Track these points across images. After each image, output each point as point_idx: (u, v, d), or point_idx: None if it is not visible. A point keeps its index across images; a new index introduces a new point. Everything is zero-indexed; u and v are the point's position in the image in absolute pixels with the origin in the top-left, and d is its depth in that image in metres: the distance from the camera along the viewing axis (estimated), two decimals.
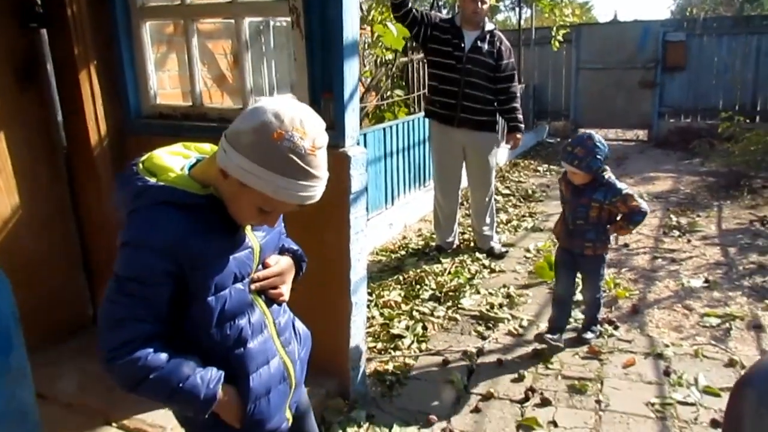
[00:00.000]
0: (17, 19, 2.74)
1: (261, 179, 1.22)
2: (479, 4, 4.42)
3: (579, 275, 3.49)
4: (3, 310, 1.40)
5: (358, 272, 2.71)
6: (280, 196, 1.24)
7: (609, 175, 3.18)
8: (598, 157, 3.09)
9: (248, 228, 1.41)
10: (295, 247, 1.63)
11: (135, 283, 1.26)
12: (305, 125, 1.23)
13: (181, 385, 1.27)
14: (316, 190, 1.27)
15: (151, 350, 1.26)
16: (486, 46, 4.51)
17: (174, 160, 1.37)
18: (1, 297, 1.41)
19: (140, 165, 1.35)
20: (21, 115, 2.80)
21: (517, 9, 11.15)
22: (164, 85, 3.19)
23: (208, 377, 1.32)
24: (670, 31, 10.09)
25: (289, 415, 1.56)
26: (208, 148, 1.46)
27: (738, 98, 9.65)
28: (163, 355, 1.28)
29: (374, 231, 5.07)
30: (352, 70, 2.53)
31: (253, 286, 1.43)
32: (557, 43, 9.64)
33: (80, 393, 2.65)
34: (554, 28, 9.61)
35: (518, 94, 4.71)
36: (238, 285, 1.37)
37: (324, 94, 2.57)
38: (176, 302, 1.32)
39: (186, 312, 1.34)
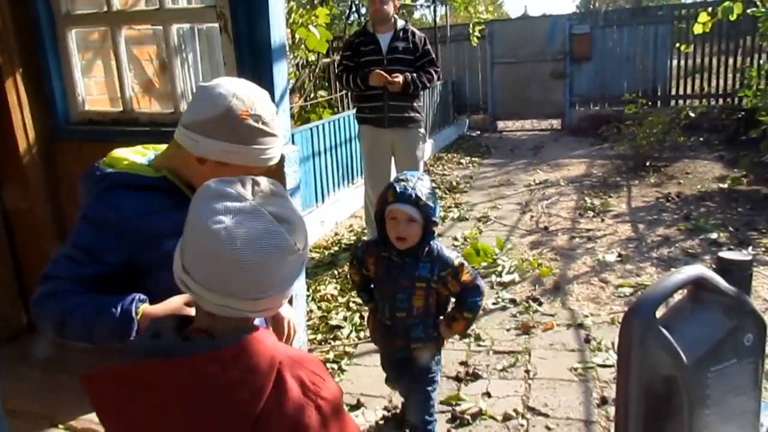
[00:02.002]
0: None
1: (241, 154, 1.39)
2: (380, 4, 4.61)
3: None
4: None
5: None
6: (259, 163, 1.42)
7: (436, 241, 2.28)
8: (437, 201, 2.28)
9: None
10: None
11: (78, 251, 1.39)
12: (259, 98, 1.41)
13: (96, 312, 1.35)
14: (279, 148, 1.47)
15: (70, 296, 1.37)
16: (402, 44, 4.70)
17: (133, 155, 1.50)
18: None
19: (100, 162, 1.47)
20: None
21: (432, 7, 11.47)
22: (91, 91, 3.19)
23: (122, 300, 1.37)
24: (575, 24, 10.66)
25: None
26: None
27: (640, 84, 10.31)
28: (80, 296, 1.37)
29: (306, 229, 5.17)
30: (281, 72, 2.64)
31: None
32: (475, 39, 10.00)
33: (21, 399, 2.64)
34: (471, 25, 9.97)
35: (434, 73, 4.79)
36: None
37: None
38: (119, 280, 1.43)
39: (137, 287, 1.44)
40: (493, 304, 3.96)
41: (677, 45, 7.87)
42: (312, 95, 6.79)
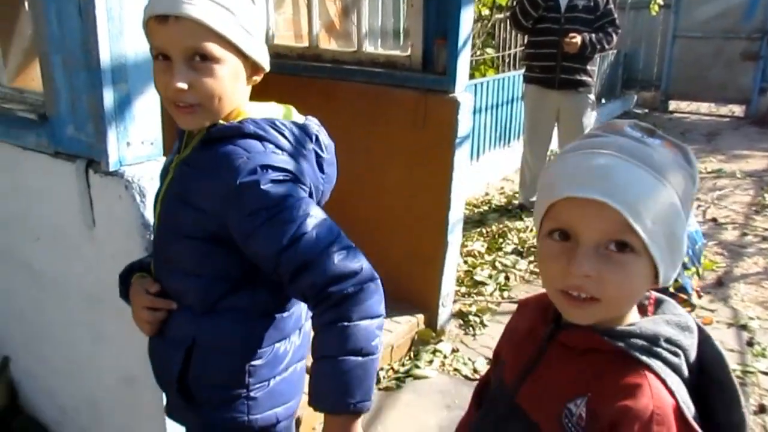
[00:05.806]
0: None
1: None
2: None
3: None
4: None
5: (455, 213, 2.83)
6: (149, 12, 1.08)
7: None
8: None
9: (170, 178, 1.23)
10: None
11: None
12: None
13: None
14: None
15: None
16: (582, 2, 4.44)
17: None
18: None
19: None
20: None
21: None
22: (279, 27, 3.36)
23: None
24: None
25: None
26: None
27: None
28: None
29: None
30: (466, 18, 2.60)
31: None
32: (656, 8, 9.25)
33: None
34: None
35: (615, 35, 4.52)
36: None
37: (437, 41, 2.67)
38: None
39: None
40: None
41: None
42: (479, 52, 6.66)
